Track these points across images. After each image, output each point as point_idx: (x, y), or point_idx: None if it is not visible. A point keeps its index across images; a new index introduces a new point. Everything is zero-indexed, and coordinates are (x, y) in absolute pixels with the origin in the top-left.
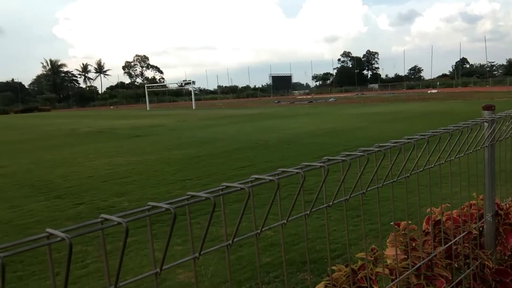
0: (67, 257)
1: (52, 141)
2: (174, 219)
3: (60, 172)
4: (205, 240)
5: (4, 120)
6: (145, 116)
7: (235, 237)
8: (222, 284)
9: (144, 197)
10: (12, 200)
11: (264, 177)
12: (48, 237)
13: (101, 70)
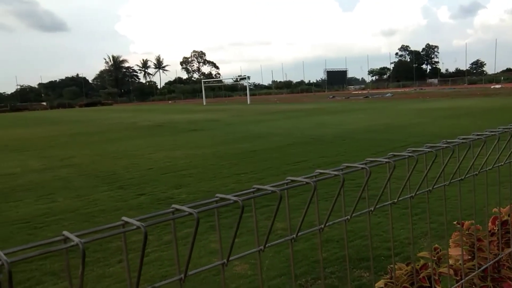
0: (142, 245)
1: (115, 134)
2: (242, 212)
3: (122, 163)
4: (270, 233)
5: (70, 114)
6: (201, 111)
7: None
8: (277, 278)
9: (201, 189)
10: (79, 189)
11: (329, 171)
12: (124, 225)
13: (160, 65)
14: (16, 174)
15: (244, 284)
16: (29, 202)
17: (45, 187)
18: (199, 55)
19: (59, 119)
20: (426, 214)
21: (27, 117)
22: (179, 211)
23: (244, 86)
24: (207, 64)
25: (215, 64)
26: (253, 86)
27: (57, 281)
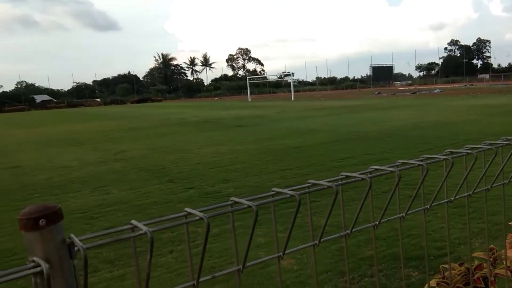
0: (205, 235)
1: (164, 129)
2: (298, 206)
3: (171, 158)
4: (325, 227)
5: (122, 110)
6: (246, 107)
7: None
8: (323, 273)
9: (247, 184)
10: (131, 182)
11: (384, 168)
12: (186, 216)
13: (206, 63)
14: (74, 167)
15: (291, 279)
16: (85, 193)
17: (100, 180)
18: (244, 52)
19: (112, 115)
20: (479, 214)
21: (82, 113)
22: (238, 204)
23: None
24: (252, 61)
25: (259, 61)
26: (297, 82)
27: (113, 269)
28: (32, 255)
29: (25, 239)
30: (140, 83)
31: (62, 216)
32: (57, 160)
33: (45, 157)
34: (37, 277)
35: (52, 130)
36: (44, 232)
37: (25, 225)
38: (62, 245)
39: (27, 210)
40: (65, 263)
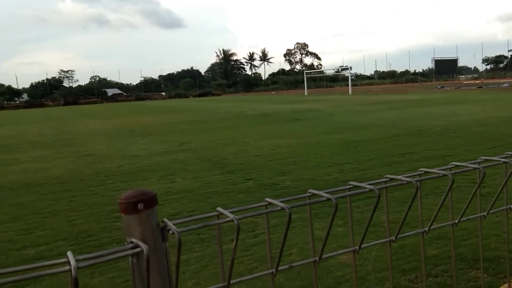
0: (286, 226)
1: (224, 122)
2: (378, 200)
3: (231, 150)
4: (403, 224)
5: (185, 103)
6: (303, 101)
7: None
8: (384, 270)
9: (305, 177)
10: (195, 172)
11: (466, 164)
12: (267, 206)
13: (265, 58)
14: (142, 156)
15: (350, 273)
16: (153, 181)
17: (166, 169)
18: (302, 47)
19: (176, 108)
20: None
21: (149, 106)
22: (316, 196)
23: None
24: (309, 56)
25: (317, 55)
26: (354, 76)
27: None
28: (130, 237)
29: (123, 222)
30: (201, 77)
31: (157, 201)
32: (127, 150)
33: (116, 147)
34: (134, 257)
35: (122, 121)
36: (142, 216)
37: (125, 208)
38: (157, 228)
39: (127, 194)
40: (159, 245)
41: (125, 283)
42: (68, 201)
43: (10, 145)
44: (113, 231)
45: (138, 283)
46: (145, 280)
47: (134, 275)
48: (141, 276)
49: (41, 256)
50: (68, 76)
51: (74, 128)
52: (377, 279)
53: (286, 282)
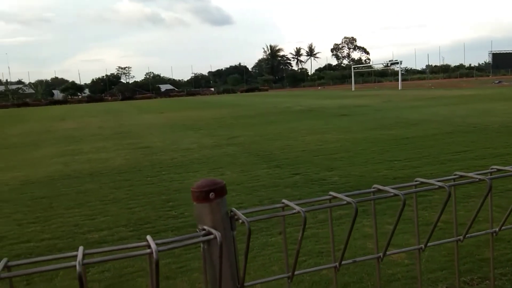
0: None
1: (271, 117)
2: (448, 198)
3: (278, 144)
4: (472, 223)
5: (233, 98)
6: (350, 96)
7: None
8: (437, 271)
9: (352, 173)
10: (243, 165)
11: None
12: (330, 200)
13: (311, 53)
14: (193, 149)
15: (401, 272)
16: (203, 173)
17: (215, 162)
18: (349, 41)
19: (224, 103)
20: None
21: (199, 101)
22: (382, 191)
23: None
24: (357, 50)
25: (365, 49)
26: (404, 71)
27: None
28: (202, 224)
29: (195, 210)
30: (249, 73)
31: (226, 191)
32: (179, 143)
33: (169, 140)
34: (205, 244)
35: (174, 115)
36: (213, 204)
37: (197, 197)
38: (226, 217)
39: (199, 183)
40: (228, 233)
41: (179, 269)
42: (127, 190)
43: (75, 136)
44: (168, 220)
45: (208, 268)
46: (216, 266)
47: (205, 261)
48: (212, 262)
49: (103, 240)
50: (125, 73)
51: (131, 122)
52: (429, 279)
53: None
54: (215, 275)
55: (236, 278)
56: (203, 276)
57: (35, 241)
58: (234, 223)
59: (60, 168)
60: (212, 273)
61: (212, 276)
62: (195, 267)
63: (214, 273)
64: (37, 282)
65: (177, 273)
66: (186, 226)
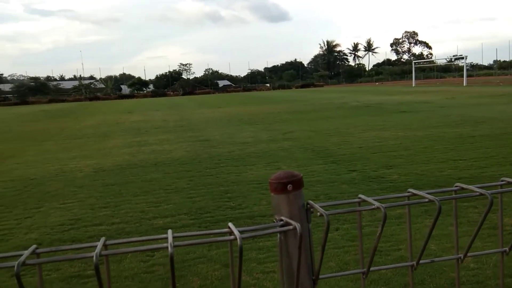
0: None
1: (327, 112)
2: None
3: (334, 140)
4: None
5: (288, 94)
6: (410, 92)
7: None
8: (506, 277)
9: (413, 172)
10: (298, 160)
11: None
12: (409, 197)
13: (369, 48)
14: (250, 143)
15: (466, 276)
16: (260, 166)
17: (271, 156)
18: (410, 35)
19: (279, 99)
20: None
21: (255, 96)
22: (466, 190)
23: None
24: (418, 45)
25: (427, 44)
26: (470, 66)
27: None
28: (279, 215)
29: (273, 200)
30: (304, 69)
31: (303, 184)
32: (236, 137)
33: (227, 133)
34: (282, 235)
35: (231, 110)
36: (290, 196)
37: (275, 188)
38: (302, 209)
39: (278, 175)
40: (304, 225)
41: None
42: (188, 180)
43: (140, 128)
44: (226, 210)
45: (284, 258)
46: (292, 257)
47: (281, 251)
48: (288, 252)
49: (167, 226)
50: (186, 69)
51: (191, 116)
52: (497, 285)
53: (394, 276)
54: (290, 265)
55: (311, 270)
56: (278, 266)
57: (106, 224)
58: (310, 216)
59: (128, 158)
60: (287, 264)
61: (287, 266)
62: (252, 257)
63: (290, 263)
64: None
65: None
66: (243, 217)
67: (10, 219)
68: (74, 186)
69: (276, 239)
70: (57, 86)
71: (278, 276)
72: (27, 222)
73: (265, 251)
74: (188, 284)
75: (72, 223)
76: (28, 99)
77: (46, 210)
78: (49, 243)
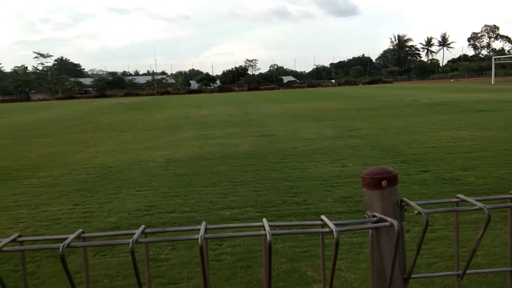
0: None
1: (396, 110)
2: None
3: (404, 139)
4: None
5: (354, 90)
6: (489, 90)
7: None
8: None
9: (492, 175)
10: (366, 158)
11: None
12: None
13: (444, 43)
14: (315, 139)
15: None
16: (325, 163)
17: (337, 153)
18: (491, 29)
19: (345, 95)
20: None
21: (320, 92)
22: None
23: None
24: (499, 39)
25: (509, 38)
26: None
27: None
28: (371, 211)
29: (365, 196)
30: (372, 65)
31: (397, 181)
32: (301, 132)
33: (291, 129)
34: (373, 231)
35: (295, 106)
36: (384, 192)
37: (368, 183)
38: (396, 206)
39: (371, 171)
40: (398, 223)
41: (303, 253)
42: (253, 174)
43: (208, 122)
44: (292, 205)
45: (375, 255)
46: (384, 254)
47: (373, 248)
48: (379, 249)
49: (234, 217)
50: (252, 65)
51: (256, 111)
52: None
53: (469, 284)
54: (381, 263)
55: (403, 269)
56: (370, 262)
57: (178, 212)
58: (404, 214)
59: (197, 150)
60: (378, 261)
61: (378, 263)
62: (318, 253)
63: (381, 261)
64: (180, 249)
65: (301, 257)
66: (308, 213)
67: (92, 202)
68: (148, 175)
69: (343, 237)
70: (132, 81)
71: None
72: (107, 207)
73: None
74: (255, 274)
75: (147, 209)
76: (106, 92)
77: (124, 196)
78: (126, 227)
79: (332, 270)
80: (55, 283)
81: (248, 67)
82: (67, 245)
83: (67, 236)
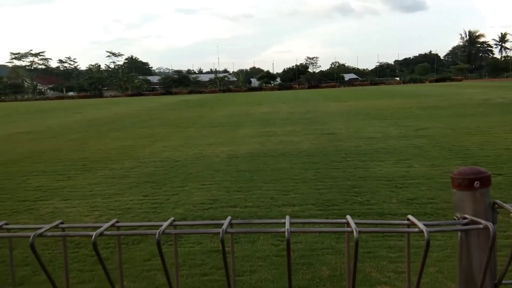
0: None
1: (466, 109)
2: None
3: (475, 140)
4: None
5: (420, 88)
6: None
7: None
8: None
9: None
10: (433, 159)
11: None
12: None
13: None
14: (378, 139)
15: None
16: (389, 163)
17: (402, 153)
18: None
19: (411, 93)
20: None
21: (383, 90)
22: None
23: None
24: None
25: None
26: None
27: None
28: (461, 213)
29: (455, 196)
30: (440, 62)
31: (491, 182)
32: (363, 131)
33: (353, 128)
34: (462, 233)
35: (358, 104)
36: (477, 193)
37: (459, 184)
38: (489, 208)
39: (462, 171)
40: (492, 226)
41: (367, 254)
42: (314, 172)
43: (269, 120)
44: (354, 205)
45: (464, 258)
46: (473, 257)
47: (461, 250)
48: (468, 252)
49: (296, 215)
50: (313, 63)
51: (316, 109)
52: None
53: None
54: (470, 267)
55: (494, 274)
56: (457, 265)
57: (240, 207)
58: (496, 217)
59: (258, 147)
60: (466, 265)
61: (466, 267)
62: (382, 255)
63: (469, 265)
64: (242, 242)
65: (365, 258)
66: (372, 213)
67: (160, 194)
68: (212, 169)
69: (405, 239)
70: (196, 79)
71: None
72: (174, 199)
73: (396, 250)
74: (317, 272)
75: (211, 202)
76: (172, 90)
77: (189, 189)
78: (192, 218)
79: (420, 272)
80: (126, 269)
81: (308, 65)
82: (162, 232)
83: (161, 223)
